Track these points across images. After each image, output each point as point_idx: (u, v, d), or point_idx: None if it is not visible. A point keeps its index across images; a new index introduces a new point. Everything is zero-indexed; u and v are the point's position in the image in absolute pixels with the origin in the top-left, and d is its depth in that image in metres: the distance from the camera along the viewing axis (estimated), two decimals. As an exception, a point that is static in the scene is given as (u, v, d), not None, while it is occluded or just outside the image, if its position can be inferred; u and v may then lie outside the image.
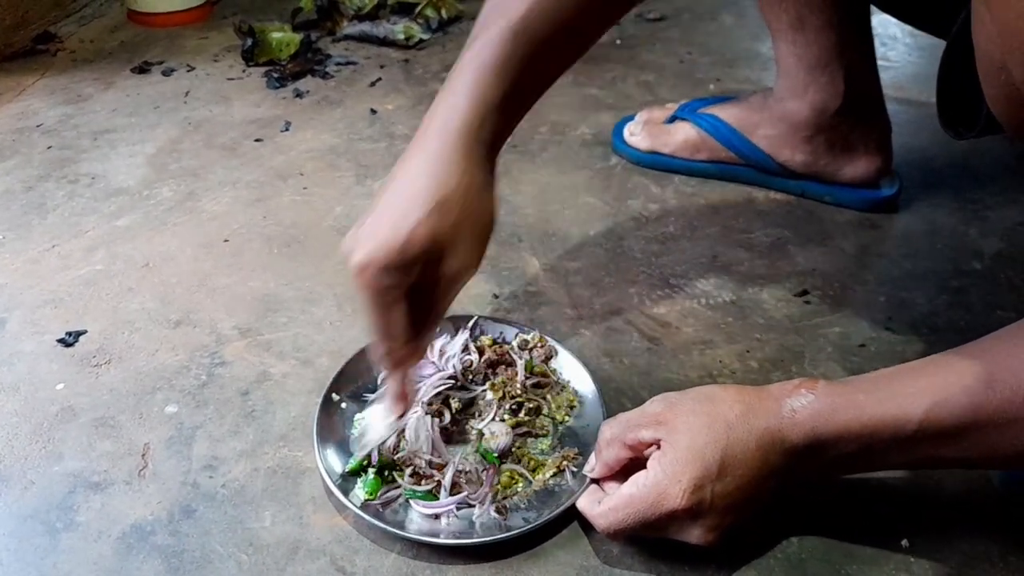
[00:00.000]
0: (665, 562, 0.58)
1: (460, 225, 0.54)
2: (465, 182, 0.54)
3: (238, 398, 0.71)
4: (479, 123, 0.55)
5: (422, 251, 0.53)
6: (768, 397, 0.54)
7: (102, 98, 1.22)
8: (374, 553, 0.59)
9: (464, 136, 0.55)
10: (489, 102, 0.55)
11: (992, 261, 0.87)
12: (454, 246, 0.55)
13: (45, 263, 0.87)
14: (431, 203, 0.53)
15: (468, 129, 0.55)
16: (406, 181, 0.54)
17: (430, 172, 0.54)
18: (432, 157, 0.54)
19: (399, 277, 0.53)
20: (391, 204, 0.54)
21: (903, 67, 1.30)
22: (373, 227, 0.53)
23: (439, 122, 0.55)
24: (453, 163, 0.54)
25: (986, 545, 0.59)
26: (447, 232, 0.54)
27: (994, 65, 0.40)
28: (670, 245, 0.90)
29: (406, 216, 0.52)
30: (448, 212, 0.53)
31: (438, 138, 0.54)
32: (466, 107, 0.55)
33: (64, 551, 0.58)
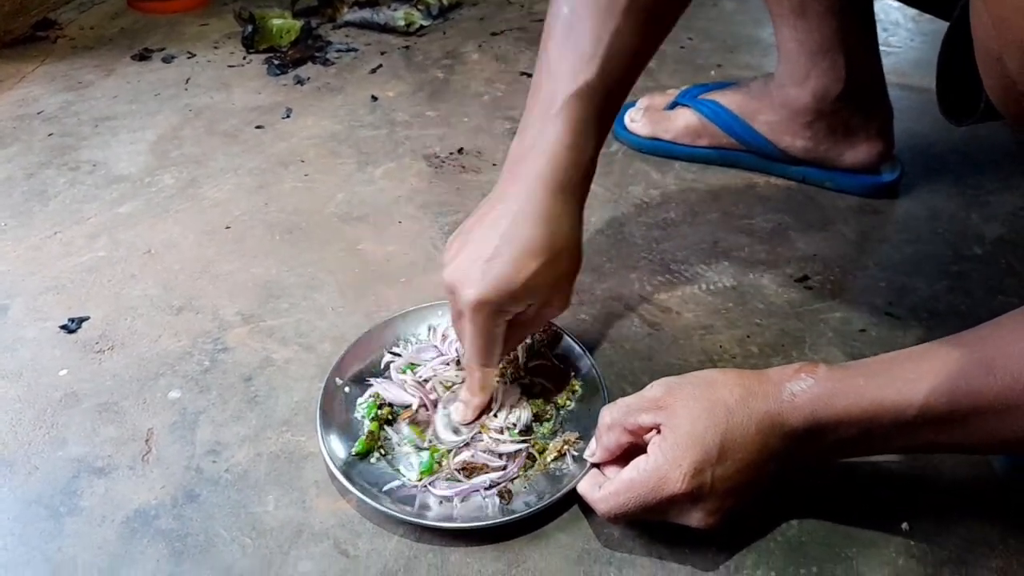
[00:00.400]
0: (666, 545, 0.58)
1: (566, 274, 0.62)
2: (571, 236, 0.61)
3: (241, 383, 0.71)
4: (579, 178, 0.61)
5: (533, 295, 0.59)
6: (768, 381, 0.55)
7: (103, 85, 1.22)
8: (377, 536, 0.59)
9: (567, 187, 0.60)
10: (586, 160, 0.61)
11: (993, 246, 0.87)
12: (558, 291, 0.62)
13: (47, 250, 0.87)
14: (548, 253, 0.58)
15: (571, 184, 0.60)
16: (519, 227, 0.58)
17: (545, 224, 0.58)
18: (543, 209, 0.59)
19: (508, 316, 0.60)
20: (506, 247, 0.58)
21: (905, 53, 1.29)
22: (487, 267, 0.58)
23: (541, 175, 0.59)
24: (564, 217, 0.60)
25: (985, 529, 0.59)
26: (555, 280, 0.61)
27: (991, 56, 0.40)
28: (671, 231, 0.90)
29: (525, 263, 0.58)
30: (559, 264, 0.60)
31: (545, 191, 0.59)
32: (569, 163, 0.59)
33: (68, 535, 0.59)
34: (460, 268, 0.59)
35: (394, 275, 0.84)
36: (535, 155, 0.59)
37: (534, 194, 0.59)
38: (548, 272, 0.59)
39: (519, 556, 0.58)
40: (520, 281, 0.57)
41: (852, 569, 0.57)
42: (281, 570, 0.57)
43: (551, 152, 0.59)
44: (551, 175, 0.59)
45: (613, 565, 0.57)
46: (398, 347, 0.72)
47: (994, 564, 0.57)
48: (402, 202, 0.95)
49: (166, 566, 0.57)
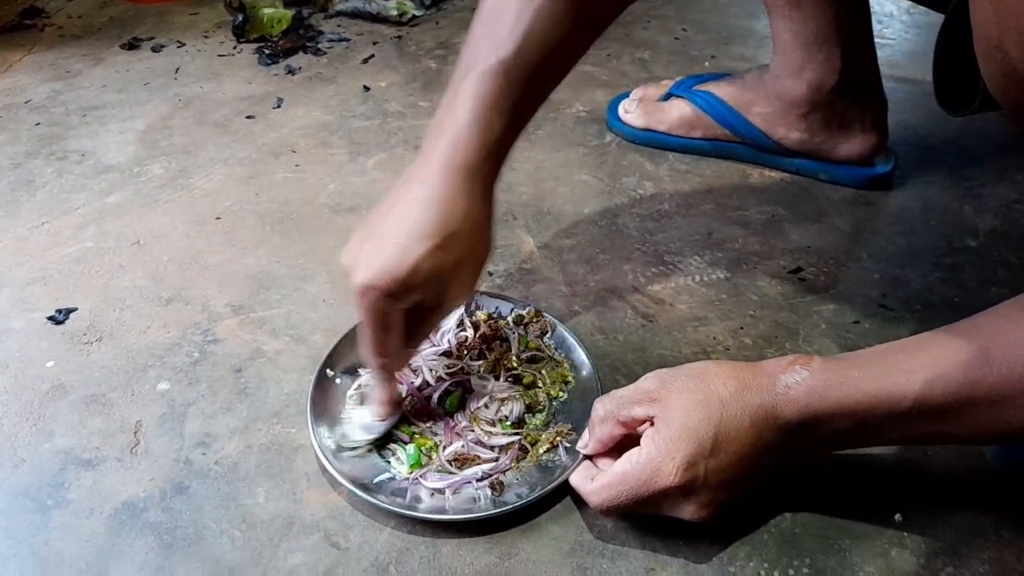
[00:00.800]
0: (659, 537, 0.58)
1: (463, 258, 0.58)
2: (470, 218, 0.57)
3: (231, 375, 0.71)
4: (483, 159, 0.57)
5: (424, 282, 0.56)
6: (762, 374, 0.54)
7: (91, 74, 1.21)
8: (368, 529, 0.59)
9: (468, 172, 0.56)
10: (493, 138, 0.57)
11: (986, 238, 0.87)
12: (455, 276, 0.58)
13: (34, 240, 0.86)
14: (437, 237, 0.55)
15: (472, 165, 0.56)
16: (411, 209, 0.56)
17: (436, 205, 0.55)
18: (438, 190, 0.56)
19: (399, 302, 0.56)
20: (395, 231, 0.55)
21: (899, 44, 1.29)
22: (377, 250, 0.55)
23: (443, 154, 0.56)
24: (458, 199, 0.56)
25: (979, 520, 0.59)
26: (450, 265, 0.57)
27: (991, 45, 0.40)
28: (664, 222, 0.90)
29: (412, 247, 0.55)
30: (452, 247, 0.56)
31: (443, 171, 0.56)
32: (470, 143, 0.56)
33: (55, 528, 0.58)
34: (354, 251, 0.57)
35: (386, 266, 0.83)
36: (438, 133, 0.57)
37: (433, 175, 0.56)
38: (441, 257, 0.55)
39: (511, 548, 0.57)
40: (407, 266, 0.54)
41: (845, 560, 0.57)
42: (271, 563, 0.56)
43: (453, 130, 0.56)
44: (453, 155, 0.56)
45: (606, 557, 0.57)
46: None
47: (987, 555, 0.57)
48: (394, 193, 0.94)
49: (155, 559, 0.56)
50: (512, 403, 0.65)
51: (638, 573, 0.56)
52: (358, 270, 0.56)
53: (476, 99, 0.56)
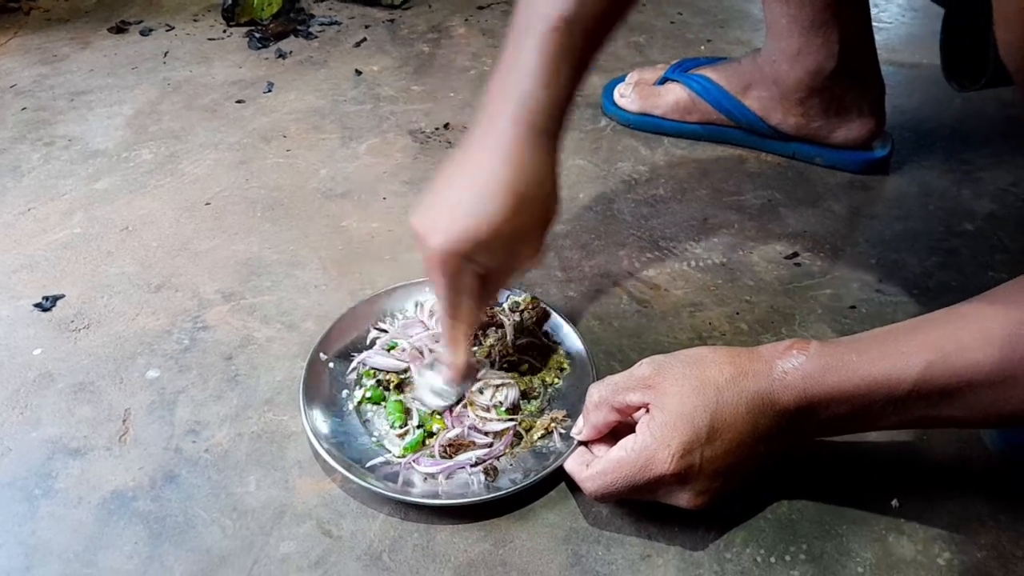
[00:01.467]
0: (655, 524, 0.57)
1: (536, 220, 0.57)
2: (542, 179, 0.56)
3: (221, 363, 0.70)
4: (550, 117, 0.56)
5: (502, 244, 0.55)
6: (759, 359, 0.54)
7: (78, 58, 1.19)
8: (361, 516, 0.58)
9: (539, 129, 0.55)
10: (560, 98, 0.56)
11: (984, 222, 0.86)
12: (528, 239, 0.58)
13: (20, 227, 0.85)
14: (515, 199, 0.54)
15: (541, 123, 0.55)
16: (484, 172, 0.55)
17: (511, 167, 0.54)
18: (510, 147, 0.55)
19: (474, 265, 0.56)
20: (470, 194, 0.55)
21: (896, 28, 1.28)
22: (452, 213, 0.55)
23: (512, 115, 0.55)
24: (531, 159, 0.55)
25: (977, 505, 0.59)
26: (525, 226, 0.56)
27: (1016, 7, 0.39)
28: (660, 207, 0.89)
29: (490, 209, 0.54)
30: (528, 207, 0.55)
31: (513, 132, 0.55)
32: (539, 103, 0.55)
33: (43, 518, 0.57)
34: (427, 216, 0.56)
35: (378, 252, 0.82)
36: (506, 96, 0.56)
37: (503, 137, 0.55)
38: (517, 219, 0.55)
39: (506, 535, 0.57)
40: (486, 229, 0.54)
41: (843, 546, 0.56)
42: (262, 552, 0.55)
43: (522, 91, 0.55)
44: (522, 116, 0.55)
45: (601, 544, 0.56)
46: (384, 323, 0.71)
47: (985, 540, 0.56)
48: (387, 178, 0.93)
49: (144, 548, 0.56)
50: (507, 389, 0.64)
51: (634, 560, 0.55)
52: (434, 234, 0.55)
53: (541, 58, 0.55)
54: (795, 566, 0.55)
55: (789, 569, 0.55)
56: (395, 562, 0.55)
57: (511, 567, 0.55)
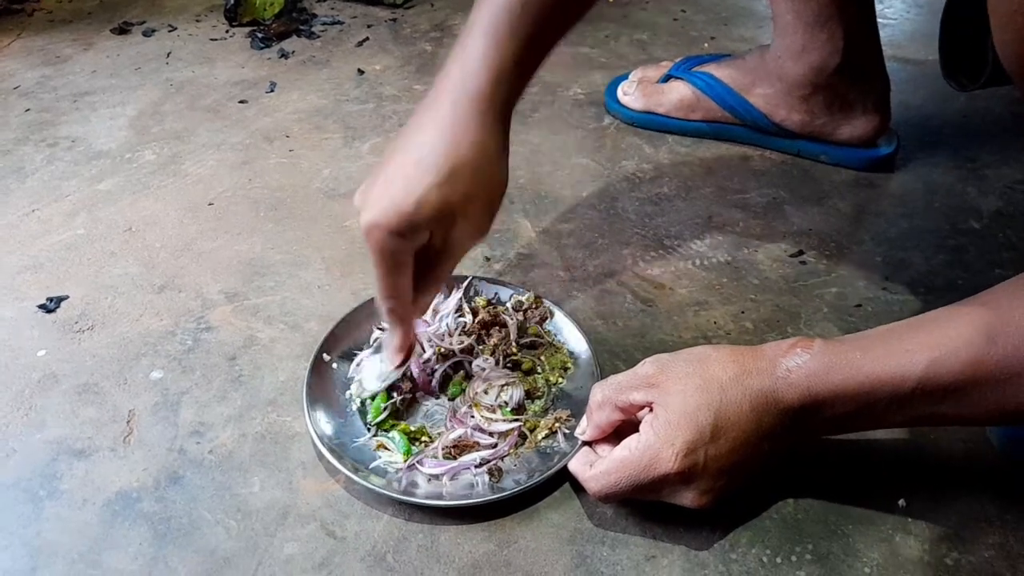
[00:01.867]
0: (659, 524, 0.57)
1: (472, 192, 0.54)
2: (479, 149, 0.54)
3: (225, 363, 0.70)
4: (493, 88, 0.54)
5: (432, 217, 0.53)
6: (763, 357, 0.53)
7: (81, 59, 1.19)
8: (365, 517, 0.58)
9: (478, 102, 0.54)
10: (503, 68, 0.54)
11: (990, 220, 0.86)
12: (464, 213, 0.55)
13: (24, 228, 0.85)
14: (445, 169, 0.52)
15: (482, 95, 0.54)
16: (418, 144, 0.54)
17: (444, 137, 0.53)
18: (446, 122, 0.53)
19: (407, 241, 0.54)
20: (403, 166, 0.53)
21: (901, 24, 1.28)
22: (384, 187, 0.53)
23: (452, 86, 0.54)
24: (467, 129, 0.53)
25: (983, 504, 0.58)
26: (458, 199, 0.54)
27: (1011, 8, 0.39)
28: (664, 206, 0.89)
29: (418, 181, 0.52)
30: (461, 179, 0.53)
31: (451, 103, 0.54)
32: (480, 72, 0.54)
33: (48, 519, 0.57)
34: (363, 192, 0.55)
35: (382, 252, 0.82)
36: (449, 69, 0.55)
37: (441, 112, 0.54)
38: (446, 190, 0.53)
39: (510, 536, 0.57)
40: (414, 200, 0.52)
41: (849, 546, 0.56)
42: (267, 553, 0.55)
43: (463, 63, 0.54)
44: (459, 83, 0.54)
45: (606, 544, 0.56)
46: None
47: (992, 540, 0.56)
48: (390, 178, 0.93)
49: (149, 549, 0.56)
50: (512, 389, 0.64)
51: (638, 560, 0.55)
52: (366, 209, 0.54)
53: (485, 28, 0.54)
54: (801, 566, 0.55)
55: (795, 569, 0.55)
56: (399, 563, 0.55)
57: (515, 568, 0.55)
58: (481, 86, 0.54)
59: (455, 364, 0.67)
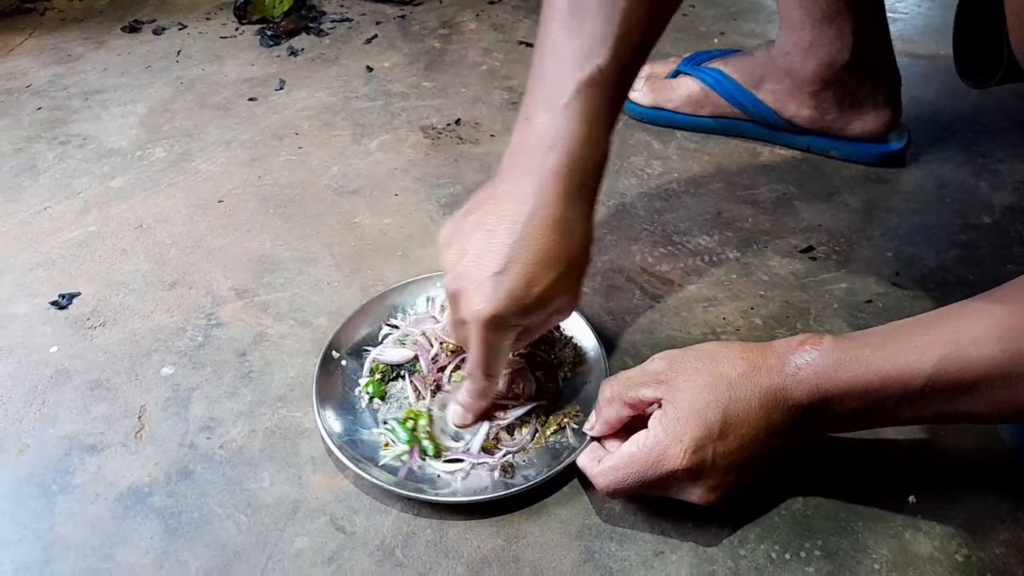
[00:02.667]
0: (668, 520, 0.57)
1: (576, 277, 0.58)
2: (586, 241, 0.57)
3: (235, 359, 0.70)
4: (593, 172, 0.56)
5: (546, 307, 0.56)
6: (772, 354, 0.53)
7: (92, 58, 1.20)
8: (374, 512, 0.58)
9: (584, 193, 0.56)
10: (602, 156, 0.57)
11: (1002, 215, 0.85)
12: (568, 299, 0.58)
13: (37, 225, 0.86)
14: (564, 264, 0.55)
15: (587, 185, 0.56)
16: (531, 232, 0.54)
17: (559, 229, 0.54)
18: (556, 210, 0.54)
19: (517, 327, 0.56)
20: (518, 256, 0.53)
21: (912, 19, 1.27)
22: (495, 276, 0.53)
23: (554, 167, 0.54)
24: (578, 222, 0.56)
25: (995, 502, 0.58)
26: (567, 286, 0.56)
27: None
28: (673, 202, 0.89)
29: (538, 275, 0.54)
30: (572, 270, 0.56)
31: (558, 187, 0.54)
32: (585, 162, 0.55)
33: (60, 514, 0.58)
34: (467, 277, 0.54)
35: (390, 248, 0.82)
36: (546, 149, 0.54)
37: (547, 195, 0.54)
38: (563, 282, 0.55)
39: (518, 531, 0.57)
40: (535, 296, 0.54)
41: (858, 543, 0.56)
42: (276, 547, 0.56)
43: (565, 148, 0.54)
44: (566, 174, 0.54)
45: (614, 540, 0.56)
46: (396, 319, 0.71)
47: (1003, 536, 0.56)
48: (398, 174, 0.94)
49: (160, 543, 0.56)
50: (524, 383, 0.64)
51: (647, 556, 0.55)
52: (478, 300, 0.53)
53: (582, 115, 0.54)
54: (810, 562, 0.55)
55: (804, 566, 0.54)
56: (408, 558, 0.55)
57: (524, 563, 0.55)
58: (588, 175, 0.56)
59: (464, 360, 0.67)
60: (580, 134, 0.54)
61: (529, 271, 0.53)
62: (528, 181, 0.55)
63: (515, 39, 1.22)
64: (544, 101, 0.55)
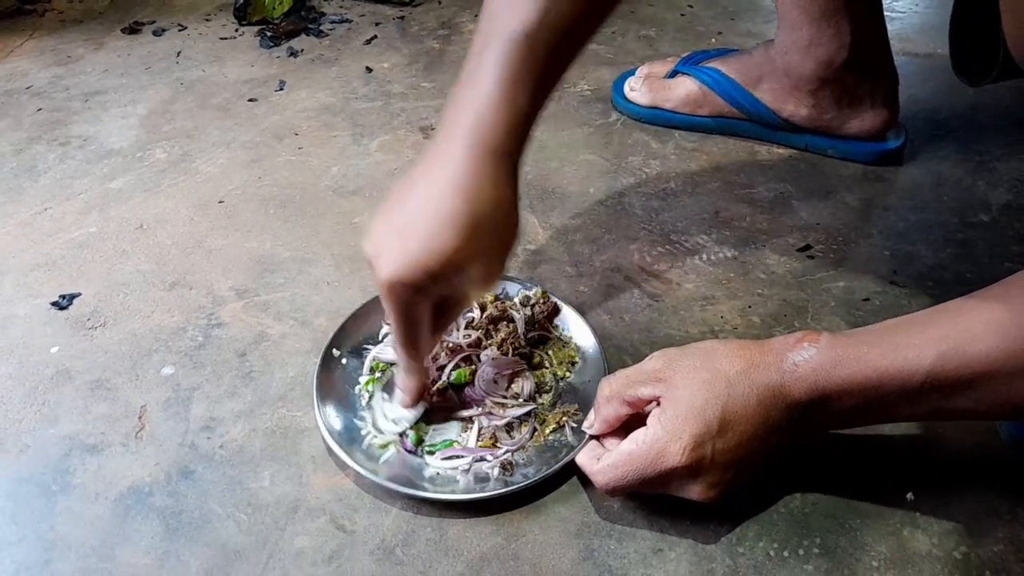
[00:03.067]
0: (667, 518, 0.57)
1: (490, 245, 0.54)
2: (497, 203, 0.53)
3: (235, 359, 0.70)
4: (510, 139, 0.53)
5: (452, 271, 0.52)
6: (770, 351, 0.53)
7: (92, 59, 1.20)
8: (375, 511, 0.58)
9: (495, 151, 0.52)
10: (519, 116, 0.53)
11: (999, 213, 0.85)
12: (481, 263, 0.54)
13: (37, 226, 0.86)
14: (467, 226, 0.51)
15: (499, 145, 0.53)
16: (434, 195, 0.52)
17: (464, 191, 0.52)
18: (462, 173, 0.52)
19: (426, 295, 0.54)
20: (421, 219, 0.52)
21: (909, 17, 1.27)
22: (401, 240, 0.52)
23: (466, 131, 0.52)
24: (485, 182, 0.52)
25: (993, 499, 0.58)
26: (478, 252, 0.53)
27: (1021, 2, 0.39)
28: (671, 201, 0.89)
29: (440, 237, 0.51)
30: (480, 233, 0.52)
31: (466, 152, 0.52)
32: (497, 123, 0.52)
33: (61, 513, 0.58)
34: (377, 242, 0.54)
35: (390, 248, 0.82)
36: (461, 113, 0.53)
37: (458, 159, 0.52)
38: (470, 248, 0.52)
39: (518, 530, 0.57)
40: (438, 260, 0.51)
41: (856, 540, 0.56)
42: (277, 546, 0.56)
43: (478, 108, 0.52)
44: (478, 137, 0.52)
45: (613, 538, 0.56)
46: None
47: (1001, 534, 0.56)
48: (398, 175, 0.94)
49: (160, 543, 0.56)
50: (523, 381, 0.64)
51: (646, 554, 0.55)
52: (383, 263, 0.53)
53: (500, 72, 0.52)
54: (808, 560, 0.55)
55: (803, 563, 0.55)
56: (408, 556, 0.55)
57: (523, 561, 0.55)
58: (498, 137, 0.52)
59: (464, 359, 0.68)
60: (495, 96, 0.52)
61: (430, 235, 0.51)
62: (440, 148, 0.53)
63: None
64: (469, 65, 0.54)
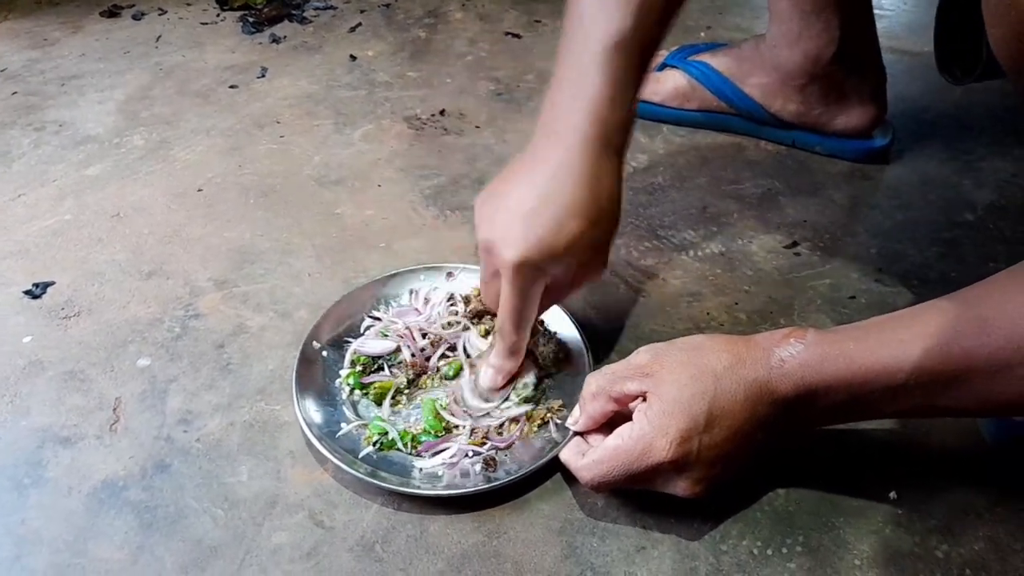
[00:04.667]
0: (651, 515, 0.57)
1: (606, 233, 0.59)
2: (613, 196, 0.58)
3: (213, 351, 0.69)
4: (618, 134, 0.58)
5: (576, 256, 0.57)
6: (756, 347, 0.53)
7: (69, 42, 1.17)
8: (354, 507, 0.57)
9: (610, 149, 0.57)
10: (627, 114, 0.58)
11: (985, 212, 0.86)
12: (597, 252, 0.60)
13: (11, 213, 0.84)
14: (591, 215, 0.56)
15: (613, 141, 0.57)
16: (558, 180, 0.56)
17: (584, 179, 0.56)
18: (582, 164, 0.56)
19: (546, 276, 0.58)
20: (545, 202, 0.55)
21: (897, 16, 1.27)
22: (527, 225, 0.55)
23: (581, 129, 0.56)
24: (603, 173, 0.57)
25: (974, 496, 0.58)
26: (597, 240, 0.58)
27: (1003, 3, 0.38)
28: (658, 196, 0.88)
29: (568, 222, 0.55)
30: (601, 223, 0.58)
31: (584, 144, 0.56)
32: (608, 118, 0.56)
33: (32, 507, 0.57)
34: (499, 226, 0.56)
35: (373, 240, 0.81)
36: (573, 110, 0.57)
37: (575, 151, 0.56)
38: (590, 233, 0.56)
39: (500, 526, 0.56)
40: (563, 241, 0.55)
41: (839, 538, 0.56)
42: (254, 542, 0.55)
43: (591, 107, 0.56)
44: (592, 130, 0.56)
45: (596, 535, 0.56)
46: (378, 311, 0.70)
47: (982, 532, 0.56)
48: (382, 165, 0.92)
49: (135, 538, 0.55)
50: (527, 374, 0.64)
51: (629, 551, 0.55)
52: (509, 245, 0.55)
53: (606, 76, 0.56)
54: (792, 558, 0.55)
55: (786, 561, 0.54)
56: (388, 553, 0.54)
57: (505, 558, 0.54)
58: (609, 134, 0.57)
59: (451, 348, 0.67)
60: (604, 95, 0.56)
61: (557, 218, 0.55)
62: (555, 141, 0.57)
63: (501, 30, 1.21)
64: (571, 66, 0.57)
